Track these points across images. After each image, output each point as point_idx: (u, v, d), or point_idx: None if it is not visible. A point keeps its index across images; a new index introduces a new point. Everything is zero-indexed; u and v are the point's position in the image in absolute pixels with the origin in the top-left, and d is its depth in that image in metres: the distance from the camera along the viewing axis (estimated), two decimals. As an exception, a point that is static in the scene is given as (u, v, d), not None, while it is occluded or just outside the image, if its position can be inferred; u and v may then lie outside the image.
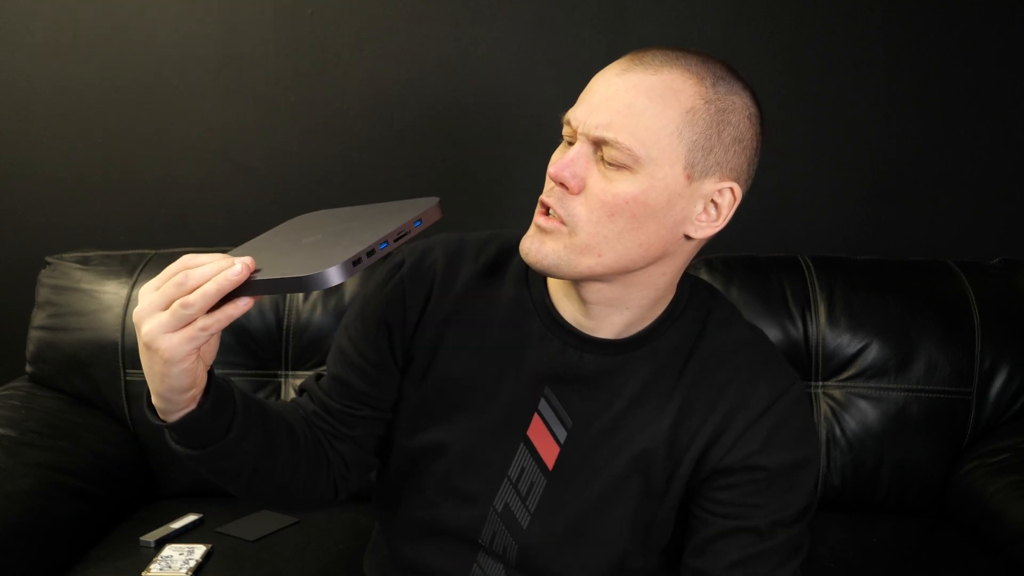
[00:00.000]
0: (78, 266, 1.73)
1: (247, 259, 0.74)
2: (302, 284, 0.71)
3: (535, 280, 1.01)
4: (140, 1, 1.91)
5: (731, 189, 0.92)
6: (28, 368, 1.72)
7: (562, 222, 0.90)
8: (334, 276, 0.71)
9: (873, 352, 1.65)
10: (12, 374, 1.83)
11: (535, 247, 0.91)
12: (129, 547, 1.44)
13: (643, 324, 0.98)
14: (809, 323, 1.66)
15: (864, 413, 1.65)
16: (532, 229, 0.93)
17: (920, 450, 1.64)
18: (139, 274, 1.71)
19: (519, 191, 1.95)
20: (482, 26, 1.90)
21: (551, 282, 1.00)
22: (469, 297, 1.02)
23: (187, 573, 1.34)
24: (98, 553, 1.42)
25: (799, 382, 1.01)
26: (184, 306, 0.73)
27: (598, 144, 0.89)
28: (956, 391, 1.64)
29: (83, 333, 1.67)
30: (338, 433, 1.04)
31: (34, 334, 1.70)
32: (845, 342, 1.66)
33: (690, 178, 0.89)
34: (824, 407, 1.66)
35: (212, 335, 0.75)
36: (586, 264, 0.90)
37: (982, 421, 1.65)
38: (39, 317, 1.71)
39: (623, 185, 0.88)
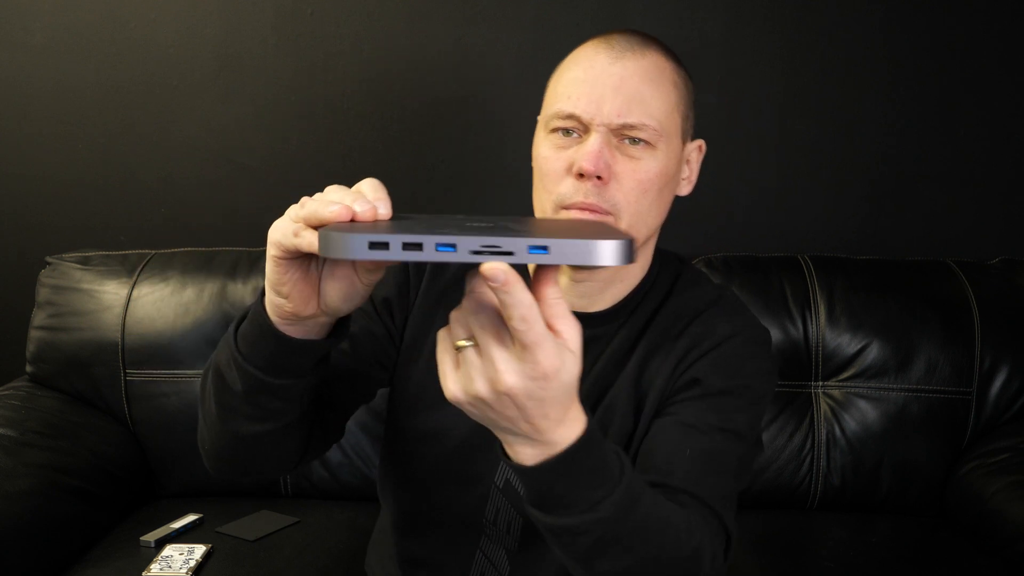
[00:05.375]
0: (78, 266, 1.73)
1: (367, 209, 0.67)
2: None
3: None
4: (140, 1, 1.91)
5: (699, 146, 1.04)
6: (28, 368, 1.72)
7: (607, 213, 0.93)
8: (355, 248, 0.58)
9: (873, 352, 1.65)
10: (12, 374, 1.83)
11: None
12: (129, 547, 1.44)
13: (625, 293, 1.02)
14: (809, 323, 1.66)
15: (864, 413, 1.65)
16: None
17: (920, 450, 1.64)
18: (139, 274, 1.71)
19: (520, 190, 1.94)
20: (482, 26, 1.90)
21: None
22: (460, 282, 1.04)
23: (187, 573, 1.34)
24: (98, 553, 1.42)
25: (763, 329, 1.03)
26: (300, 205, 0.70)
27: (618, 131, 0.93)
28: (956, 391, 1.64)
29: (83, 333, 1.67)
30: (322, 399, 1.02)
31: (34, 334, 1.70)
32: (845, 342, 1.66)
33: (684, 144, 1.01)
34: (824, 407, 1.66)
35: (280, 248, 0.70)
36: None
37: (982, 421, 1.65)
38: (39, 317, 1.71)
39: (649, 163, 0.94)
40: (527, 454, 0.68)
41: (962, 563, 1.46)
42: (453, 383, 0.65)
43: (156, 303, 1.68)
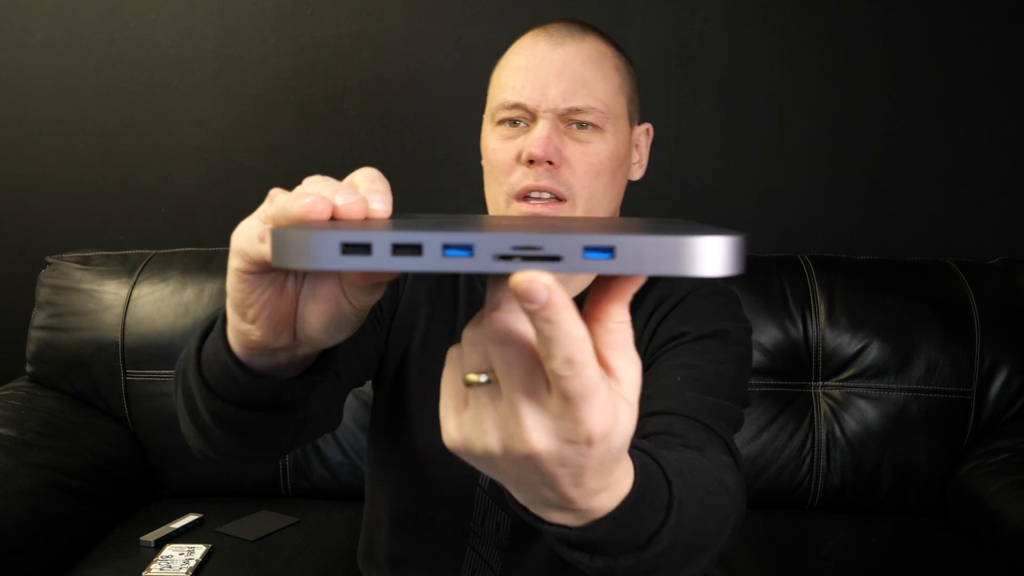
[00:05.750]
0: (78, 266, 1.73)
1: (351, 203, 0.47)
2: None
3: None
4: (140, 1, 1.91)
5: (647, 130, 1.03)
6: (28, 368, 1.72)
7: (561, 198, 0.92)
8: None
9: (873, 352, 1.65)
10: (12, 374, 1.84)
11: None
12: (129, 547, 1.44)
13: (587, 283, 1.01)
14: (809, 323, 1.66)
15: (864, 413, 1.65)
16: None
17: (920, 450, 1.64)
18: (139, 274, 1.71)
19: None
20: (482, 26, 1.90)
21: None
22: (442, 294, 1.03)
23: (187, 573, 1.34)
24: (98, 553, 1.42)
25: (727, 287, 1.02)
26: (269, 199, 0.51)
27: (564, 115, 0.93)
28: (956, 391, 1.64)
29: (83, 333, 1.67)
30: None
31: (34, 334, 1.70)
32: (845, 342, 1.66)
33: (631, 127, 1.00)
34: (824, 407, 1.66)
35: (244, 257, 0.53)
36: None
37: (982, 421, 1.65)
38: (39, 317, 1.71)
39: (599, 145, 0.94)
40: (551, 515, 0.50)
41: (962, 563, 1.46)
42: (455, 428, 0.45)
43: (156, 303, 1.68)
